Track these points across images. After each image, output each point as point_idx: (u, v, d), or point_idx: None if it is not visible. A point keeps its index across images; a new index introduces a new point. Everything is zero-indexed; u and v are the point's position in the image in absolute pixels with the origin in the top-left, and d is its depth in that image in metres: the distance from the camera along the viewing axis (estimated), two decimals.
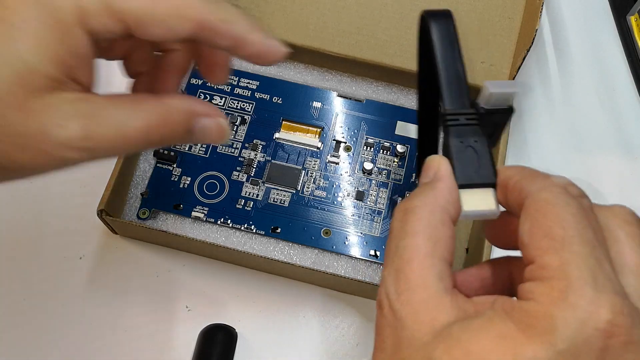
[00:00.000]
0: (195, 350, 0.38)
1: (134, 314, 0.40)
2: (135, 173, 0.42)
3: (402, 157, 0.43)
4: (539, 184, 0.20)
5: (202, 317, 0.39)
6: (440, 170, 0.23)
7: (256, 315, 0.40)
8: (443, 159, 0.23)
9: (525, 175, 0.22)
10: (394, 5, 0.45)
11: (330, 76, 0.45)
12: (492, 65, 0.43)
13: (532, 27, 0.40)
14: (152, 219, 0.41)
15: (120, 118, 0.21)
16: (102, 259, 0.41)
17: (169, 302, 0.40)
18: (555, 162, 0.46)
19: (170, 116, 0.23)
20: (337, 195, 0.41)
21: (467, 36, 0.44)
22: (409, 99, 0.45)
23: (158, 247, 0.42)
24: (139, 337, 0.39)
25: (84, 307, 0.40)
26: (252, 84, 0.45)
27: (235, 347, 0.39)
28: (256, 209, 0.41)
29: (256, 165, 0.42)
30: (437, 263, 0.20)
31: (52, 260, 0.41)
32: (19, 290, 0.40)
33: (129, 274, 0.41)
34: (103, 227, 0.40)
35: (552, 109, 0.48)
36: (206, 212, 0.41)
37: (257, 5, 0.45)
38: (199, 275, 0.41)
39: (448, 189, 0.22)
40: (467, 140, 0.24)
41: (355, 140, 0.43)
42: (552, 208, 0.19)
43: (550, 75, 0.49)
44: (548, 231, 0.19)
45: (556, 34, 0.50)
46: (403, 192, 0.42)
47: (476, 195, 0.23)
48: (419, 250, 0.20)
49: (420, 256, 0.20)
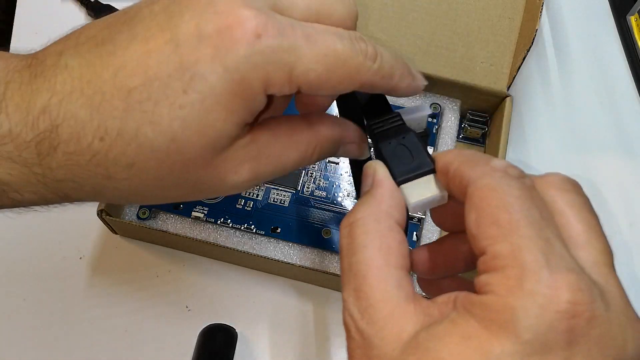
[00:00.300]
0: (195, 350, 0.38)
1: (134, 314, 0.40)
2: None
3: None
4: (479, 170, 0.20)
5: (202, 317, 0.39)
6: (377, 175, 0.23)
7: (256, 315, 0.40)
8: (378, 163, 0.23)
9: (464, 160, 0.21)
10: (394, 5, 0.45)
11: None
12: (492, 66, 0.43)
13: (532, 27, 0.40)
14: (152, 219, 0.41)
15: (279, 153, 0.23)
16: (102, 259, 0.41)
17: (169, 302, 0.40)
18: (556, 162, 0.46)
19: (322, 145, 0.24)
20: (337, 195, 0.41)
21: (467, 36, 0.44)
22: (409, 99, 0.45)
23: (158, 247, 0.42)
24: (139, 337, 0.39)
25: (84, 307, 0.40)
26: None
27: (235, 347, 0.39)
28: (256, 209, 0.41)
29: None
30: (393, 272, 0.20)
31: (52, 260, 0.41)
32: (19, 290, 0.40)
33: (129, 274, 0.41)
34: (103, 227, 0.40)
35: (552, 109, 0.48)
36: (206, 212, 0.41)
37: None
38: (199, 275, 0.41)
39: (389, 193, 0.22)
40: (396, 139, 0.24)
41: None
42: (495, 194, 0.19)
43: (550, 75, 0.49)
44: (494, 218, 0.18)
45: (556, 34, 0.50)
46: None
47: (418, 186, 0.23)
48: (372, 263, 0.20)
49: (375, 269, 0.20)
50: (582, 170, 0.45)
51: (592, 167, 0.45)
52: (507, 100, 0.42)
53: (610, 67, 0.49)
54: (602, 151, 0.46)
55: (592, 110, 0.48)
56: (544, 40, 0.50)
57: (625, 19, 0.49)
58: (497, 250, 0.18)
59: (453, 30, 0.44)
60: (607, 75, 0.49)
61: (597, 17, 0.51)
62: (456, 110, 0.45)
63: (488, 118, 0.44)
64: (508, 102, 0.42)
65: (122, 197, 0.23)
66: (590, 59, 0.49)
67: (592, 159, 0.46)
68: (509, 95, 0.43)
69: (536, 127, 0.47)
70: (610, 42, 0.50)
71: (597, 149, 0.46)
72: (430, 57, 0.44)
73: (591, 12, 0.51)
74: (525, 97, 0.48)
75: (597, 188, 0.45)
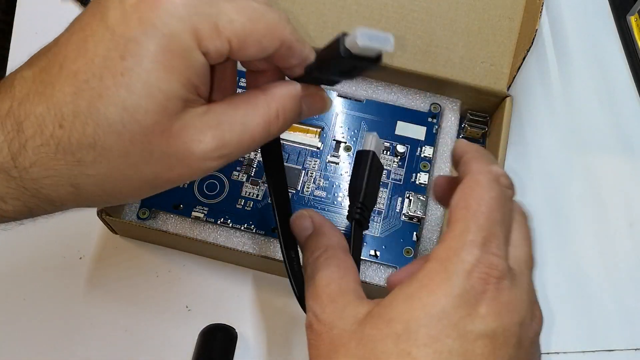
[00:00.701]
0: (195, 350, 0.38)
1: (134, 314, 0.40)
2: None
3: (402, 157, 0.43)
4: (479, 167, 0.25)
5: (202, 317, 0.39)
6: (315, 218, 0.30)
7: (256, 315, 0.40)
8: (310, 211, 0.31)
9: (475, 155, 0.26)
10: (394, 5, 0.45)
11: None
12: (492, 65, 0.43)
13: (532, 27, 0.40)
14: (152, 219, 0.41)
15: (242, 120, 0.24)
16: (102, 259, 0.41)
17: (169, 302, 0.40)
18: (556, 162, 0.46)
19: (283, 105, 0.25)
20: (337, 195, 0.41)
21: (467, 36, 0.44)
22: (409, 99, 0.45)
23: (158, 247, 0.42)
24: (139, 337, 0.39)
25: (84, 307, 0.40)
26: None
27: (235, 347, 0.39)
28: (256, 209, 0.41)
29: (256, 165, 0.42)
30: (351, 282, 0.26)
31: (52, 260, 0.41)
32: (19, 290, 0.40)
33: (129, 274, 0.41)
34: (103, 227, 0.40)
35: (552, 109, 0.48)
36: (206, 212, 0.41)
37: None
38: (199, 275, 0.41)
39: (331, 230, 0.29)
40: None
41: (355, 140, 0.43)
42: (479, 189, 0.24)
43: (550, 75, 0.49)
44: (467, 203, 0.23)
45: (556, 34, 0.50)
46: (403, 192, 0.42)
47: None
48: (332, 275, 0.26)
49: (336, 278, 0.26)
50: (582, 170, 0.45)
51: (592, 167, 0.45)
52: (507, 100, 0.42)
53: (610, 67, 0.49)
54: (602, 151, 0.46)
55: (592, 110, 0.48)
56: (544, 40, 0.50)
57: (625, 19, 0.49)
58: (455, 227, 0.23)
59: (453, 30, 0.44)
60: (607, 75, 0.49)
61: (597, 17, 0.51)
62: (456, 110, 0.45)
63: (488, 118, 0.44)
64: (508, 102, 0.42)
65: (100, 187, 0.23)
66: (590, 59, 0.49)
67: (592, 159, 0.46)
68: (509, 95, 0.43)
69: (536, 127, 0.47)
70: (610, 42, 0.50)
71: (597, 149, 0.46)
72: (430, 57, 0.44)
73: (591, 12, 0.51)
74: (525, 97, 0.48)
75: (597, 188, 0.45)
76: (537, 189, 0.45)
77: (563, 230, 0.43)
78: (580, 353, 0.40)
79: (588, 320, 0.41)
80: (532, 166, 0.45)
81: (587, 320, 0.41)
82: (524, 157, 0.46)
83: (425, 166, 0.42)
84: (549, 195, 0.44)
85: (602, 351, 0.40)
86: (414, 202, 0.41)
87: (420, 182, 0.42)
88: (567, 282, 0.42)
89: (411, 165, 0.42)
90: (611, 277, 0.42)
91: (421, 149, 0.43)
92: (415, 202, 0.41)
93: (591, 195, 0.44)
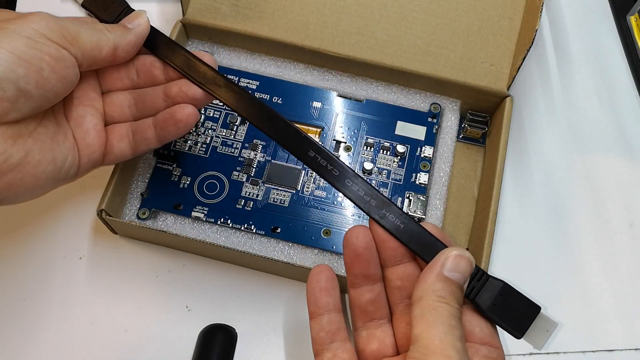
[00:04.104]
0: (195, 350, 0.38)
1: (134, 314, 0.40)
2: (135, 173, 0.42)
3: (402, 157, 0.43)
4: (431, 299, 0.27)
5: (202, 317, 0.39)
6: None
7: (256, 315, 0.40)
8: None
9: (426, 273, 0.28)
10: (394, 5, 0.45)
11: (330, 76, 0.45)
12: (492, 65, 0.43)
13: (532, 27, 0.40)
14: (152, 219, 0.41)
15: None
16: (102, 259, 0.41)
17: (169, 302, 0.40)
18: (556, 162, 0.46)
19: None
20: (337, 195, 0.41)
21: (467, 36, 0.44)
22: (409, 99, 0.45)
23: (158, 247, 0.42)
24: (139, 337, 0.39)
25: (84, 307, 0.40)
26: (252, 83, 0.45)
27: (235, 347, 0.39)
28: (256, 209, 0.41)
29: (256, 165, 0.42)
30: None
31: (52, 260, 0.41)
32: (19, 290, 0.40)
33: (129, 274, 0.41)
34: (103, 227, 0.40)
35: (552, 109, 0.48)
36: (206, 212, 0.41)
37: (257, 5, 0.45)
38: (199, 275, 0.41)
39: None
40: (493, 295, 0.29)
41: (355, 140, 0.43)
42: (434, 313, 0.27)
43: (550, 75, 0.49)
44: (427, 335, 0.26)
45: (556, 34, 0.50)
46: (403, 192, 0.42)
47: (536, 329, 0.29)
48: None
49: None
50: (582, 170, 0.45)
51: (592, 167, 0.45)
52: (507, 100, 0.42)
53: (610, 67, 0.49)
54: (602, 151, 0.46)
55: (592, 110, 0.48)
56: (544, 40, 0.50)
57: (625, 19, 0.49)
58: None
59: (453, 30, 0.44)
60: (607, 75, 0.49)
61: (597, 17, 0.51)
62: (456, 110, 0.45)
63: (488, 118, 0.44)
64: (508, 102, 0.42)
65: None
66: (590, 59, 0.49)
67: (592, 159, 0.46)
68: (509, 95, 0.43)
69: (536, 127, 0.47)
70: (610, 42, 0.50)
71: (597, 149, 0.46)
72: (430, 57, 0.44)
73: (591, 12, 0.51)
74: (525, 97, 0.48)
75: (597, 188, 0.45)
76: (537, 189, 0.45)
77: (563, 230, 0.43)
78: (580, 353, 0.40)
79: (588, 320, 0.41)
80: (532, 166, 0.45)
81: (587, 320, 0.41)
82: (524, 157, 0.46)
83: (425, 166, 0.42)
84: (549, 195, 0.44)
85: (602, 351, 0.40)
86: (414, 202, 0.41)
87: (420, 182, 0.42)
88: (567, 282, 0.42)
89: (411, 165, 0.42)
90: (611, 277, 0.42)
91: (421, 149, 0.43)
92: (415, 202, 0.41)
93: (591, 195, 0.44)
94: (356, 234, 0.30)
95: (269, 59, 0.46)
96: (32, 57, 0.29)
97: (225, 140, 0.43)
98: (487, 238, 0.37)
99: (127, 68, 0.36)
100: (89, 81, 0.35)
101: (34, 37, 0.29)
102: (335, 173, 0.32)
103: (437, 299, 0.27)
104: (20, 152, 0.30)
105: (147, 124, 0.36)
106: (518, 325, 0.28)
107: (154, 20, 0.50)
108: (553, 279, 0.42)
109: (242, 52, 0.46)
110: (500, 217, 0.42)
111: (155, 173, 0.42)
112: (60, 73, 0.30)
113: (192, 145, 0.43)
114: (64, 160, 0.33)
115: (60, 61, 0.30)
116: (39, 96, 0.30)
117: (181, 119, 0.34)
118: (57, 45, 0.30)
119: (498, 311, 0.28)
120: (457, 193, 0.43)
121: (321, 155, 0.32)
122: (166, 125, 0.35)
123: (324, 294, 0.30)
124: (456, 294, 0.27)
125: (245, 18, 0.45)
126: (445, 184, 0.43)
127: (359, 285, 0.31)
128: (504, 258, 0.42)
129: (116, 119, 0.36)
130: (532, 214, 0.44)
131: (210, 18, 0.45)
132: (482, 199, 0.41)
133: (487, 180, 0.41)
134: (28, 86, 0.29)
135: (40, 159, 0.31)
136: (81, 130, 0.34)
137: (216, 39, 0.46)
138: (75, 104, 0.34)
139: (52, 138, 0.32)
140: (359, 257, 0.30)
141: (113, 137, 0.35)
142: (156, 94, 0.35)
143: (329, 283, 0.31)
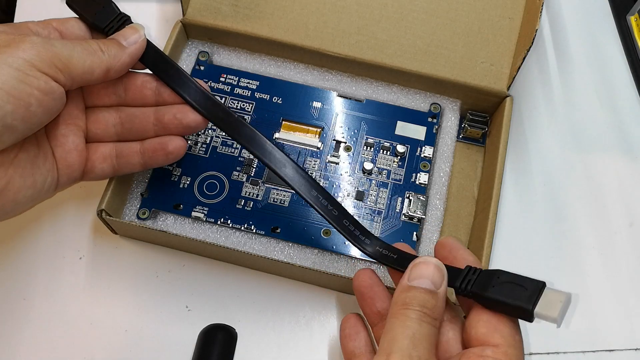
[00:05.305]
0: (195, 350, 0.38)
1: (134, 314, 0.40)
2: (135, 173, 0.42)
3: (402, 157, 0.43)
4: (395, 308, 0.28)
5: (202, 317, 0.39)
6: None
7: (256, 315, 0.40)
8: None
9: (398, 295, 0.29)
10: (394, 5, 0.45)
11: (330, 76, 0.45)
12: (492, 65, 0.43)
13: (532, 27, 0.40)
14: (152, 219, 0.41)
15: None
16: (102, 259, 0.41)
17: (169, 302, 0.40)
18: (556, 162, 0.46)
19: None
20: (337, 195, 0.41)
21: (467, 36, 0.44)
22: (409, 99, 0.45)
23: (158, 247, 0.42)
24: (139, 337, 0.39)
25: (84, 307, 0.40)
26: (252, 83, 0.45)
27: (235, 347, 0.39)
28: (256, 209, 0.41)
29: (256, 165, 0.42)
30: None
31: (52, 260, 0.41)
32: (19, 290, 0.40)
33: (129, 274, 0.41)
34: (103, 227, 0.40)
35: (552, 109, 0.48)
36: (206, 212, 0.41)
37: (257, 5, 0.45)
38: (199, 275, 0.41)
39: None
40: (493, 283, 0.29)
41: (355, 140, 0.43)
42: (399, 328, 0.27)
43: (550, 75, 0.49)
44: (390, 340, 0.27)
45: (556, 34, 0.50)
46: (403, 192, 0.42)
47: (546, 302, 0.27)
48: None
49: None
50: (582, 170, 0.45)
51: (592, 167, 0.45)
52: (507, 100, 0.42)
53: (610, 67, 0.49)
54: (602, 151, 0.46)
55: (592, 110, 0.48)
56: (544, 40, 0.50)
57: (625, 19, 0.49)
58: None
59: (453, 30, 0.44)
60: (607, 75, 0.49)
61: (597, 17, 0.51)
62: (456, 110, 0.45)
63: (488, 118, 0.44)
64: (508, 102, 0.42)
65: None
66: (590, 59, 0.49)
67: (592, 159, 0.46)
68: (509, 95, 0.43)
69: (536, 127, 0.47)
70: (610, 42, 0.50)
71: (597, 149, 0.46)
72: (430, 57, 0.44)
73: (591, 12, 0.51)
74: (525, 97, 0.48)
75: (597, 188, 0.45)
76: (537, 189, 0.45)
77: (563, 230, 0.43)
78: (580, 353, 0.40)
79: (588, 320, 0.41)
80: (532, 166, 0.45)
81: (587, 320, 0.41)
82: (524, 157, 0.46)
83: (425, 166, 0.42)
84: (549, 195, 0.44)
85: (602, 351, 0.40)
86: (414, 202, 0.41)
87: (420, 182, 0.42)
88: (567, 282, 0.42)
89: (411, 165, 0.42)
90: (611, 277, 0.42)
91: (421, 149, 0.43)
92: (415, 202, 0.41)
93: (591, 195, 0.44)
94: (356, 277, 0.34)
95: (269, 59, 0.46)
96: (20, 93, 0.28)
97: (225, 140, 0.43)
98: (487, 238, 0.37)
99: (114, 85, 0.35)
100: (73, 98, 0.34)
101: (24, 70, 0.28)
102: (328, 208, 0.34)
103: (400, 307, 0.28)
104: (1, 182, 0.30)
105: (134, 149, 0.35)
106: (525, 299, 0.27)
107: (154, 20, 0.50)
108: (553, 279, 0.42)
109: (242, 52, 0.46)
110: (500, 217, 0.42)
111: (155, 173, 0.42)
112: (47, 106, 0.30)
113: (192, 145, 0.43)
114: (43, 182, 0.32)
115: (49, 94, 0.30)
116: (24, 129, 0.30)
117: (172, 151, 0.35)
118: (46, 78, 0.29)
119: (500, 291, 0.27)
120: (457, 193, 0.43)
121: (331, 203, 0.35)
122: (155, 155, 0.35)
123: (348, 340, 0.33)
124: (420, 298, 0.28)
125: (245, 18, 0.45)
126: (445, 184, 0.43)
127: (374, 324, 0.33)
128: (504, 258, 0.42)
129: (100, 137, 0.35)
130: (532, 214, 0.44)
131: (210, 18, 0.45)
132: (482, 199, 0.41)
133: (487, 180, 0.41)
134: (15, 122, 0.29)
135: (20, 186, 0.31)
136: (62, 150, 0.34)
137: (216, 39, 0.46)
138: (59, 122, 0.34)
139: (32, 162, 0.32)
140: (363, 296, 0.33)
141: (96, 157, 0.35)
142: (146, 117, 0.35)
143: (352, 330, 0.33)
